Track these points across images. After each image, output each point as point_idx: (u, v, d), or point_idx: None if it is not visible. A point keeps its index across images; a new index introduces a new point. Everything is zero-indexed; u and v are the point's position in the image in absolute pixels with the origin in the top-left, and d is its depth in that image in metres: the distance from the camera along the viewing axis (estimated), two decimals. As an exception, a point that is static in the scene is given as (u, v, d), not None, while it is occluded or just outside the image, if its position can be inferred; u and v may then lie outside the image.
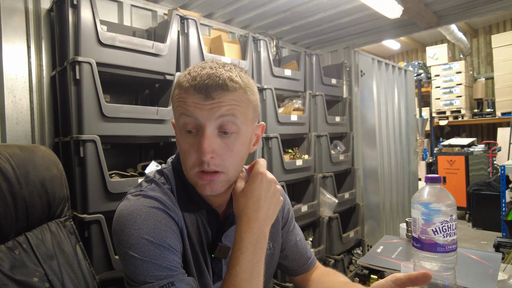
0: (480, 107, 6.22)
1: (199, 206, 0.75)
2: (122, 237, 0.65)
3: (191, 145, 0.66)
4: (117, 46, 1.43)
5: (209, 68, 0.67)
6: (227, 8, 2.22)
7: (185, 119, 0.66)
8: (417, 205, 0.71)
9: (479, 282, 0.87)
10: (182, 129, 0.67)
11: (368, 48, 6.66)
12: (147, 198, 0.68)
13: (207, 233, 0.76)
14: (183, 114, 0.65)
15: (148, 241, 0.63)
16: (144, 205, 0.67)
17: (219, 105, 0.65)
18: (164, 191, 0.72)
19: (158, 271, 0.62)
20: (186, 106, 0.65)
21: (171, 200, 0.71)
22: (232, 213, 0.78)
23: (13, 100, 1.48)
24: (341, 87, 2.79)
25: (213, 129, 0.65)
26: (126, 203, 0.68)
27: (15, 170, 0.86)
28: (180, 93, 0.66)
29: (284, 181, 2.05)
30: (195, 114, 0.64)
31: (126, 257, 0.63)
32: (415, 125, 3.89)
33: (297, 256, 0.93)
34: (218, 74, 0.66)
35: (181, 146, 0.68)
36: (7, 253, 0.81)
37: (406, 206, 3.56)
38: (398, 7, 2.05)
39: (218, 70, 0.67)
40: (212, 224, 0.76)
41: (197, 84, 0.64)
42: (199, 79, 0.65)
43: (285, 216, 0.93)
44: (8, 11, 1.47)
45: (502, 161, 4.99)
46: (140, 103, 1.92)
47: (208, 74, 0.65)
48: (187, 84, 0.65)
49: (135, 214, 0.65)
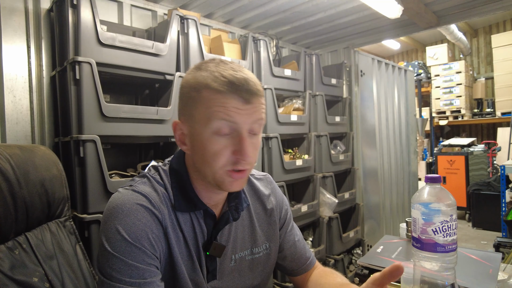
0: (480, 107, 6.22)
1: (196, 206, 0.75)
2: (103, 227, 0.68)
3: (225, 146, 0.67)
4: (117, 46, 1.43)
5: (239, 71, 0.68)
6: (227, 8, 2.22)
7: (222, 123, 0.66)
8: (417, 205, 0.71)
9: (479, 282, 0.87)
10: (216, 131, 0.67)
11: (368, 48, 6.66)
12: (135, 192, 0.71)
13: (202, 232, 0.76)
14: (223, 119, 0.65)
15: (122, 238, 0.65)
16: (130, 200, 0.69)
17: (255, 110, 0.68)
18: (154, 186, 0.74)
19: (125, 268, 0.64)
20: (227, 111, 0.65)
21: (159, 197, 0.72)
22: (227, 213, 0.79)
23: (13, 100, 1.48)
24: (341, 87, 2.79)
25: (247, 132, 0.68)
26: (115, 196, 0.71)
27: (15, 170, 0.86)
28: (217, 97, 0.65)
29: (284, 181, 2.05)
30: (235, 118, 0.66)
31: (101, 247, 0.67)
32: (415, 125, 3.89)
33: (296, 257, 0.93)
34: (251, 78, 0.68)
35: (211, 146, 0.67)
36: (7, 253, 0.81)
37: (406, 206, 3.56)
38: (398, 7, 2.05)
39: (247, 73, 0.68)
40: (208, 223, 0.77)
41: (238, 89, 0.65)
42: (239, 84, 0.65)
43: (283, 217, 0.94)
44: (8, 11, 1.47)
45: (502, 161, 4.99)
46: (140, 103, 1.92)
47: (244, 79, 0.66)
48: (224, 88, 0.65)
49: (119, 208, 0.68)
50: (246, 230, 0.85)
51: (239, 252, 0.82)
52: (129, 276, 0.64)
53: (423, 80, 6.14)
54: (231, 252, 0.80)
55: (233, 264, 0.81)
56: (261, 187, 0.92)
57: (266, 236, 0.88)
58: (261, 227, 0.88)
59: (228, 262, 0.80)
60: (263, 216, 0.89)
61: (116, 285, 0.64)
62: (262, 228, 0.88)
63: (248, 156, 0.67)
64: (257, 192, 0.90)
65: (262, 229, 0.88)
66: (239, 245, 0.82)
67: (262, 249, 0.86)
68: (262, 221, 0.88)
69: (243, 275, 0.82)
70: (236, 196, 0.82)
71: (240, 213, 0.81)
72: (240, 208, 0.81)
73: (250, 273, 0.83)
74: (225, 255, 0.79)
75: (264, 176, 0.96)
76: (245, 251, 0.83)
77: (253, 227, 0.86)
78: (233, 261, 0.81)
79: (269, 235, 0.89)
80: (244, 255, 0.83)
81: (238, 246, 0.82)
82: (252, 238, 0.85)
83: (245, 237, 0.84)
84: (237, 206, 0.81)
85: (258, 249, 0.85)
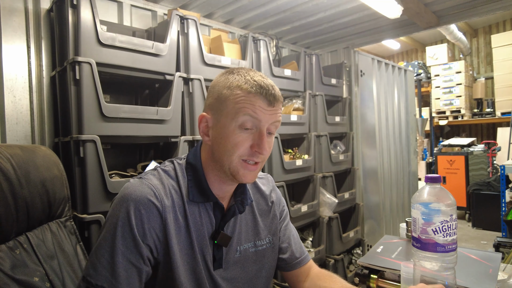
0: (480, 107, 6.22)
1: (208, 198, 0.82)
2: (109, 214, 0.76)
3: (245, 138, 0.77)
4: (117, 46, 1.43)
5: (266, 79, 0.80)
6: (227, 8, 2.22)
7: (247, 118, 0.76)
8: (417, 205, 0.71)
9: (479, 282, 0.87)
10: (241, 125, 0.76)
11: (368, 48, 6.66)
12: (143, 185, 0.77)
13: (211, 222, 0.83)
14: (249, 114, 0.76)
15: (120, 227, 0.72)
16: (136, 192, 0.75)
17: (276, 113, 0.79)
18: (162, 179, 0.80)
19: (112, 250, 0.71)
20: (254, 108, 0.76)
21: (164, 189, 0.79)
22: (234, 206, 0.86)
23: (13, 100, 1.49)
24: (341, 87, 2.79)
25: (266, 130, 0.79)
26: (126, 185, 0.79)
27: (16, 170, 0.86)
28: (248, 96, 0.76)
29: (284, 181, 2.05)
30: (260, 116, 0.76)
31: (103, 225, 0.75)
32: (415, 125, 3.89)
33: (291, 249, 0.98)
34: (275, 87, 0.80)
35: (233, 137, 0.77)
36: (8, 253, 0.81)
37: (406, 206, 3.56)
38: (398, 7, 2.05)
39: (272, 82, 0.80)
40: (216, 215, 0.84)
41: (265, 92, 0.77)
42: (267, 88, 0.77)
43: (281, 212, 1.01)
44: (8, 11, 1.47)
45: (502, 161, 4.99)
46: (140, 103, 1.92)
47: (271, 85, 0.78)
48: (254, 90, 0.76)
49: (125, 198, 0.74)
50: (249, 224, 0.91)
51: (244, 244, 0.88)
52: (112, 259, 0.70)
53: (423, 80, 6.15)
54: (236, 243, 0.87)
55: (238, 255, 0.86)
56: (263, 185, 0.99)
57: (269, 230, 0.95)
58: (263, 222, 0.94)
59: (234, 253, 0.86)
60: (266, 211, 0.96)
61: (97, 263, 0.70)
62: (265, 223, 0.94)
63: (265, 149, 0.77)
64: (259, 189, 0.97)
65: (265, 224, 0.94)
66: (243, 237, 0.88)
67: (265, 242, 0.93)
68: (264, 216, 0.95)
69: (246, 266, 0.88)
70: (242, 192, 0.89)
71: (245, 207, 0.89)
72: (246, 202, 0.88)
73: (253, 265, 0.89)
74: (230, 246, 0.85)
75: (265, 176, 1.04)
76: (248, 243, 0.89)
77: (256, 222, 0.92)
78: (238, 252, 0.86)
79: (271, 229, 0.95)
80: (248, 247, 0.89)
81: (243, 238, 0.88)
82: (254, 231, 0.91)
83: (248, 231, 0.90)
84: (242, 201, 0.88)
85: (261, 242, 0.92)
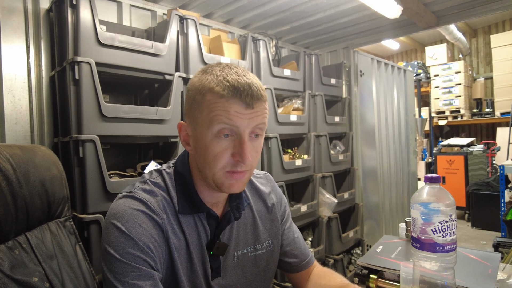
0: (479, 107, 6.23)
1: (199, 209, 0.77)
2: (105, 233, 0.70)
3: (225, 148, 0.69)
4: (116, 46, 1.43)
5: (243, 76, 0.69)
6: (227, 8, 2.22)
7: (223, 126, 0.67)
8: (417, 205, 0.71)
9: (478, 282, 0.87)
10: (217, 134, 0.68)
11: (368, 48, 6.66)
12: (134, 200, 0.72)
13: (206, 232, 0.78)
14: (224, 122, 0.67)
15: (125, 240, 0.67)
16: (130, 207, 0.70)
17: (257, 115, 0.69)
18: (154, 192, 0.74)
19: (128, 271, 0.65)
20: (229, 115, 0.66)
21: (158, 202, 0.73)
22: (229, 212, 0.81)
23: (12, 100, 1.48)
24: (341, 87, 2.79)
25: (248, 135, 0.70)
26: (115, 204, 0.73)
27: (15, 170, 0.86)
28: (220, 101, 0.66)
29: (284, 181, 2.05)
30: (237, 123, 0.67)
31: (104, 253, 0.68)
32: (415, 125, 3.89)
33: (296, 253, 0.95)
34: (255, 84, 0.69)
35: (212, 149, 0.69)
36: (7, 253, 0.81)
37: (406, 206, 3.56)
38: (398, 7, 2.05)
39: (251, 78, 0.69)
40: (211, 224, 0.79)
41: (240, 94, 0.66)
42: (241, 89, 0.66)
43: (282, 213, 0.96)
44: (7, 11, 1.47)
45: (501, 161, 4.99)
46: (139, 103, 1.92)
47: (247, 84, 0.67)
48: (226, 92, 0.66)
49: (120, 215, 0.69)
50: (248, 228, 0.87)
51: (242, 249, 0.84)
52: (132, 278, 0.65)
53: (423, 80, 6.15)
54: (234, 249, 0.83)
55: (236, 260, 0.82)
56: (261, 185, 0.94)
57: (269, 233, 0.90)
58: (263, 224, 0.90)
59: (231, 259, 0.82)
60: (265, 214, 0.91)
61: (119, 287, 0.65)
62: (265, 226, 0.90)
63: (247, 159, 0.68)
64: (258, 190, 0.92)
65: (265, 226, 0.90)
66: (242, 242, 0.85)
67: (265, 246, 0.88)
68: (264, 219, 0.91)
69: (246, 271, 0.84)
70: (237, 196, 0.84)
71: (241, 212, 0.84)
72: (241, 208, 0.83)
73: (253, 269, 0.85)
74: (227, 253, 0.81)
75: (263, 175, 0.98)
76: (248, 247, 0.85)
77: (256, 225, 0.88)
78: (235, 258, 0.83)
79: (271, 232, 0.91)
80: (247, 251, 0.85)
81: (241, 244, 0.84)
82: (254, 235, 0.87)
83: (247, 235, 0.86)
84: (238, 206, 0.83)
85: (261, 245, 0.87)
